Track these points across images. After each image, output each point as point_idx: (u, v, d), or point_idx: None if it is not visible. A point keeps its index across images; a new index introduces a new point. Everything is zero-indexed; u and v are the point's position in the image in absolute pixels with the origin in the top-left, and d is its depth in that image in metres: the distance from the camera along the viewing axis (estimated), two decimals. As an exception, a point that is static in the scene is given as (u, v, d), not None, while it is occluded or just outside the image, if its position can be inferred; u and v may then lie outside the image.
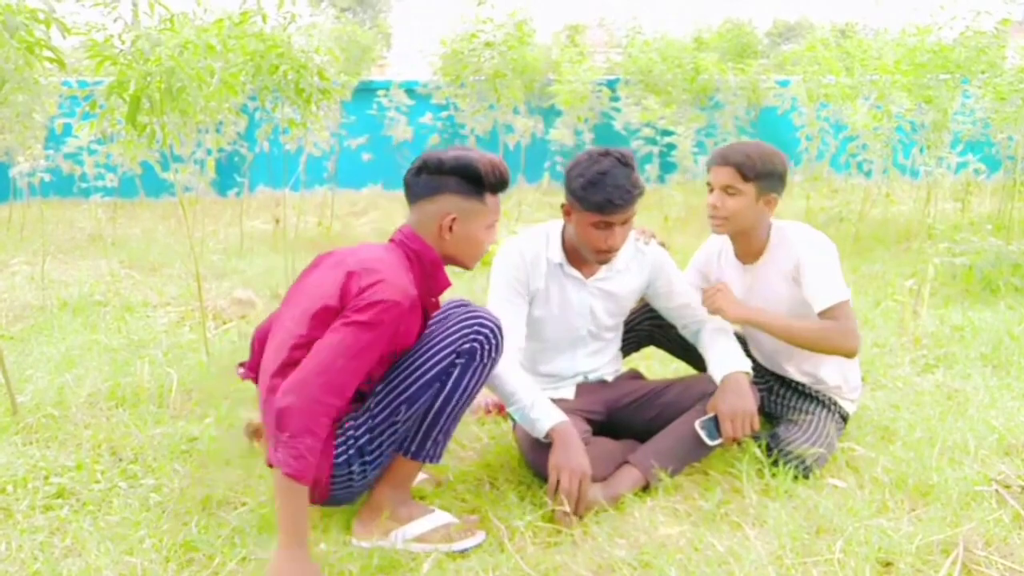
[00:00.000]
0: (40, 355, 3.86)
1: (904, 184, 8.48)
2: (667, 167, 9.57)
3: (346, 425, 2.21)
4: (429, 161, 2.28)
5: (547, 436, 2.46)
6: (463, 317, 2.25)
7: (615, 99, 10.54)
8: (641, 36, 11.92)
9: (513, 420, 2.79)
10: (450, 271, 2.37)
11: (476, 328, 2.23)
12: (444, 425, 2.29)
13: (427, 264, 2.28)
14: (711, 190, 2.79)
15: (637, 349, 3.15)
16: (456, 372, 2.23)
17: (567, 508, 2.34)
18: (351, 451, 2.20)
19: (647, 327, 3.05)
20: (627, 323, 3.01)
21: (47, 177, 7.04)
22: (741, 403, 2.57)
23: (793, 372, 2.97)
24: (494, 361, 2.28)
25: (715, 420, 2.59)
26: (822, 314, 2.70)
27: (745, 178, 2.72)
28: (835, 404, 2.91)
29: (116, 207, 8.25)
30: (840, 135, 7.89)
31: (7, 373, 3.12)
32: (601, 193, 2.51)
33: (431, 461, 2.32)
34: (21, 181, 7.48)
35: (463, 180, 2.27)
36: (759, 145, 2.79)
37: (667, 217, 8.10)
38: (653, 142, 8.80)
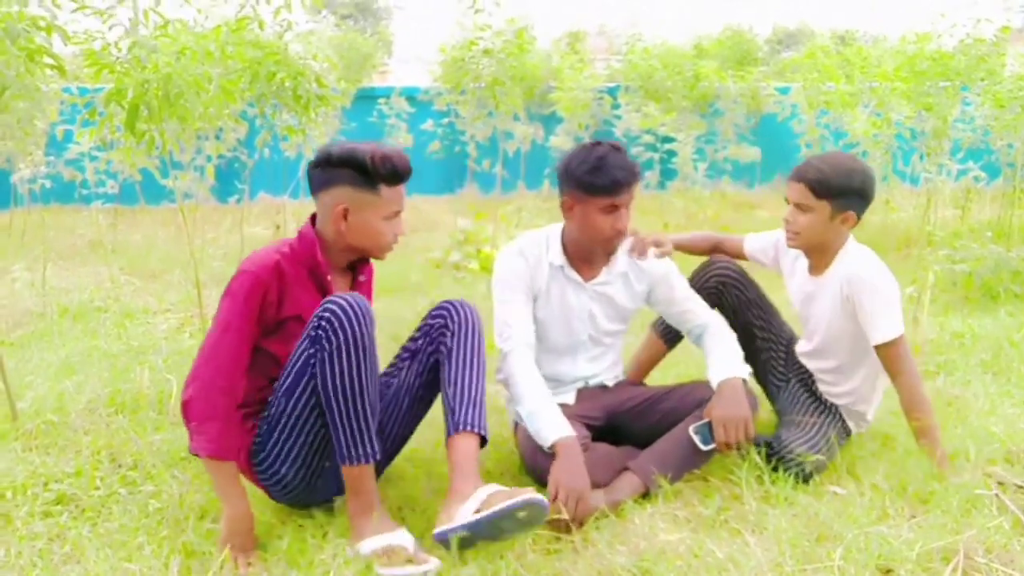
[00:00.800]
0: (40, 361, 3.86)
1: (904, 191, 8.49)
2: (667, 174, 9.59)
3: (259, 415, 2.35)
4: (320, 155, 2.34)
5: (550, 448, 2.46)
6: (320, 306, 2.22)
7: (616, 106, 10.57)
8: (641, 43, 11.96)
9: (514, 425, 2.79)
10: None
11: (319, 315, 2.18)
12: (348, 421, 2.19)
13: (306, 243, 2.36)
14: (788, 203, 2.79)
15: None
16: (316, 364, 2.19)
17: (564, 516, 2.33)
18: (258, 440, 2.32)
19: (714, 284, 3.01)
20: (693, 284, 2.99)
21: (48, 184, 7.05)
22: (734, 409, 2.57)
23: (817, 369, 2.97)
24: (348, 342, 2.15)
25: (709, 426, 2.59)
26: (876, 348, 2.71)
27: (817, 196, 2.69)
28: (839, 414, 2.91)
29: (117, 214, 8.26)
30: (840, 142, 7.91)
31: (7, 379, 3.11)
32: (607, 175, 2.56)
33: (358, 462, 2.21)
34: (22, 187, 7.49)
35: (354, 172, 2.30)
36: (839, 160, 2.73)
37: (667, 224, 8.11)
38: (653, 149, 8.82)
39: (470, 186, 11.21)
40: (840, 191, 2.68)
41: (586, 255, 2.78)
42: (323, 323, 2.16)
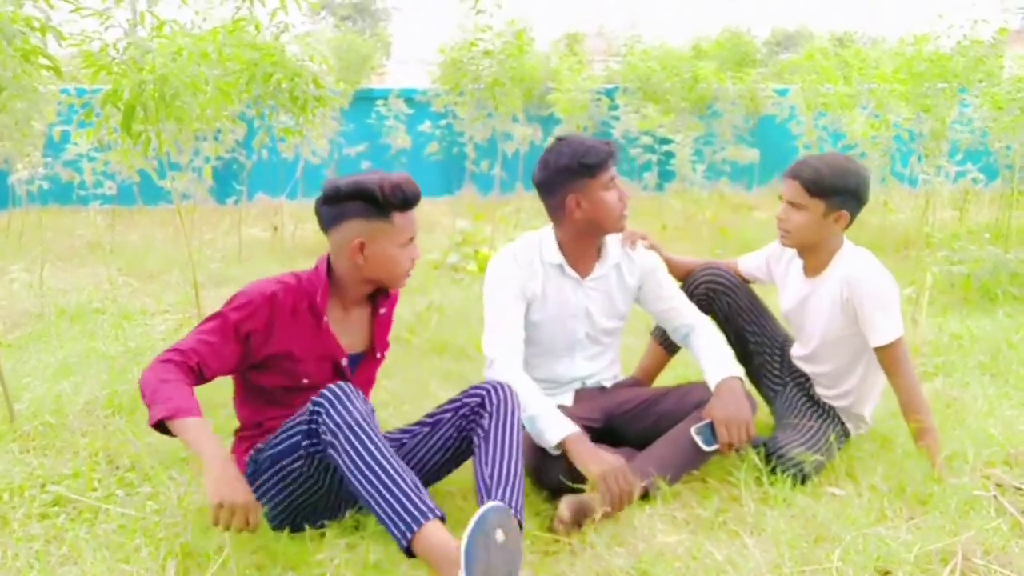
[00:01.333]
0: (38, 363, 3.85)
1: (902, 193, 8.49)
2: (665, 175, 9.58)
3: (254, 448, 2.35)
4: (327, 190, 2.31)
5: (558, 446, 2.47)
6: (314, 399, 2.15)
7: (614, 107, 10.56)
8: (640, 45, 11.94)
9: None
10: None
11: (310, 411, 2.12)
12: (388, 492, 2.00)
13: (316, 282, 2.35)
14: (782, 200, 2.80)
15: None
16: (327, 456, 2.11)
17: (565, 518, 2.33)
18: (249, 471, 2.30)
19: (703, 291, 3.02)
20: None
21: (46, 185, 7.04)
22: (736, 409, 2.58)
23: (813, 373, 2.97)
24: (348, 422, 2.06)
25: (711, 426, 2.59)
26: (876, 350, 2.72)
27: (811, 194, 2.70)
28: (838, 417, 2.91)
29: (115, 215, 8.25)
30: (838, 144, 7.90)
31: (5, 381, 3.11)
32: (598, 149, 2.65)
33: (418, 525, 1.97)
34: (20, 188, 7.48)
35: (365, 203, 2.27)
36: (835, 160, 2.75)
37: (665, 225, 8.11)
38: (652, 150, 8.81)
39: (468, 187, 11.19)
40: (834, 190, 2.69)
41: (582, 254, 2.79)
42: (315, 416, 2.11)
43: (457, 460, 2.44)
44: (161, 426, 2.11)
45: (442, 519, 1.99)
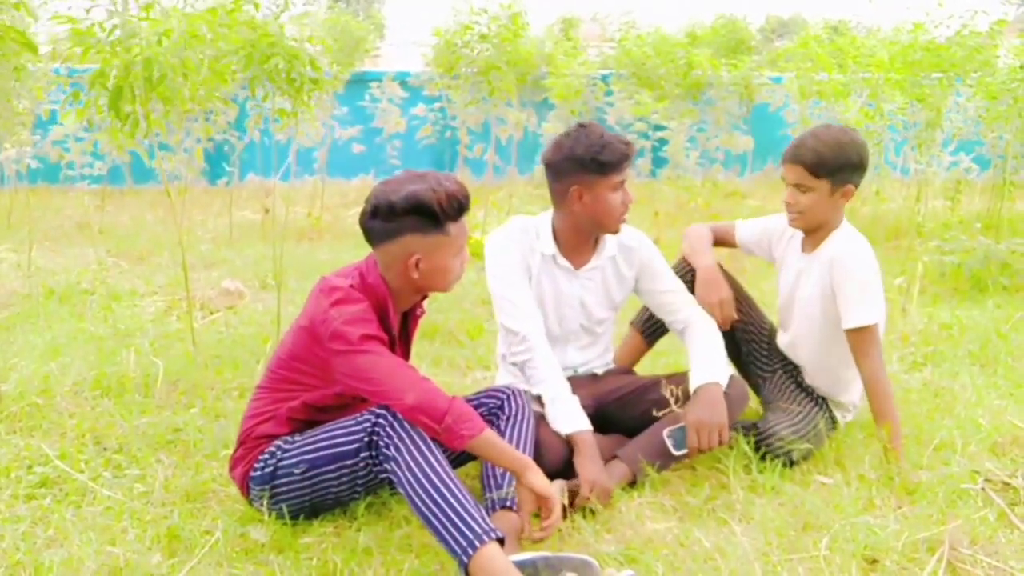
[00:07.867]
0: (25, 343, 3.83)
1: (894, 182, 8.49)
2: (659, 162, 9.57)
3: (274, 443, 2.29)
4: (380, 206, 2.20)
5: (566, 436, 2.52)
6: (365, 412, 2.18)
7: (608, 93, 10.53)
8: (634, 30, 11.91)
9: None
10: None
11: (375, 419, 2.13)
12: (448, 508, 2.01)
13: (380, 298, 2.27)
14: (787, 185, 2.78)
15: None
16: (385, 470, 2.12)
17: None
18: (267, 469, 2.26)
19: (692, 278, 2.96)
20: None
21: (34, 164, 6.98)
22: (709, 415, 2.56)
23: (796, 358, 2.98)
24: (407, 436, 2.10)
25: (684, 430, 2.58)
26: (847, 332, 2.71)
27: (816, 175, 2.69)
28: (826, 404, 2.91)
29: (104, 195, 8.20)
30: (832, 132, 7.87)
31: (-9, 361, 3.09)
32: (615, 150, 2.60)
33: (480, 542, 1.97)
34: (8, 168, 7.43)
35: (422, 218, 2.19)
36: (832, 136, 2.71)
37: (657, 212, 8.10)
38: (645, 137, 8.79)
39: (461, 172, 11.15)
40: (837, 167, 2.68)
41: (578, 244, 2.77)
42: (380, 430, 2.11)
43: (464, 457, 2.46)
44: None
45: (501, 541, 2.00)
